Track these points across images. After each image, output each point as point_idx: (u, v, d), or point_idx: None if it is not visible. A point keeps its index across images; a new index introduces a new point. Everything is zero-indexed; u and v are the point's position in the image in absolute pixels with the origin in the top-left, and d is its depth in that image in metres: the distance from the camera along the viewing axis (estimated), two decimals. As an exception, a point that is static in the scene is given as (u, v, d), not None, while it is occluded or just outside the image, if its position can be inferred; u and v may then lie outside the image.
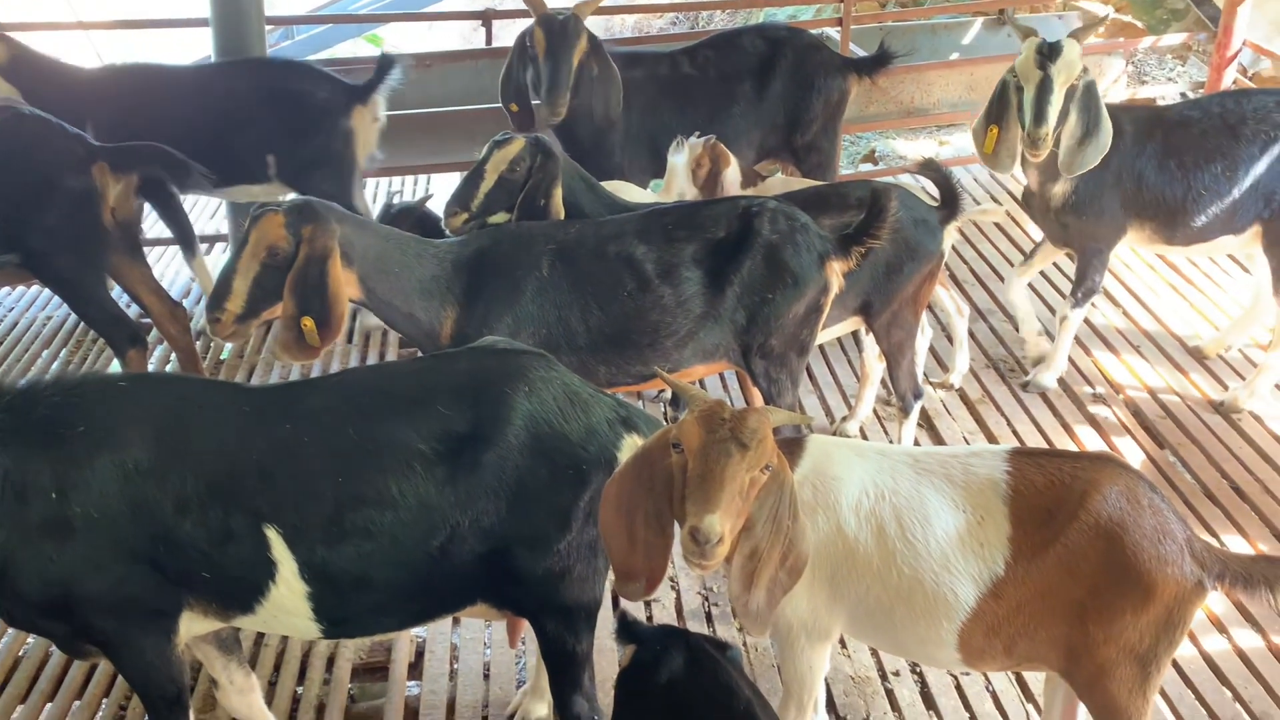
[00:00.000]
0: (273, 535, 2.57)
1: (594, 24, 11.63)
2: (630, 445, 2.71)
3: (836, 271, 3.69)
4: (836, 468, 2.71)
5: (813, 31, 6.05)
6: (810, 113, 5.59)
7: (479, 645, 3.76)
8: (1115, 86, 7.28)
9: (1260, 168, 4.47)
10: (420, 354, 3.71)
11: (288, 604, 2.66)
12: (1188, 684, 3.57)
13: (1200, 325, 5.46)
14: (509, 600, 2.80)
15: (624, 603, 3.37)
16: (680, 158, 4.58)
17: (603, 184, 4.20)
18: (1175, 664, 3.58)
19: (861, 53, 6.09)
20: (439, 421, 2.61)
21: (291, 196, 4.19)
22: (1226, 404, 4.83)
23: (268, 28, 5.84)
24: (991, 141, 4.45)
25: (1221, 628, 3.77)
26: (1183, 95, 7.84)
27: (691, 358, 3.72)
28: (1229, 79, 6.62)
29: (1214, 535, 4.14)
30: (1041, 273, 5.55)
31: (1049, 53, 4.17)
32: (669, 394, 4.88)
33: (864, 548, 2.67)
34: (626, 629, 2.45)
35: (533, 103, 5.03)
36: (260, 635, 3.68)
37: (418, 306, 3.47)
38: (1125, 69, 7.45)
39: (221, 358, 5.45)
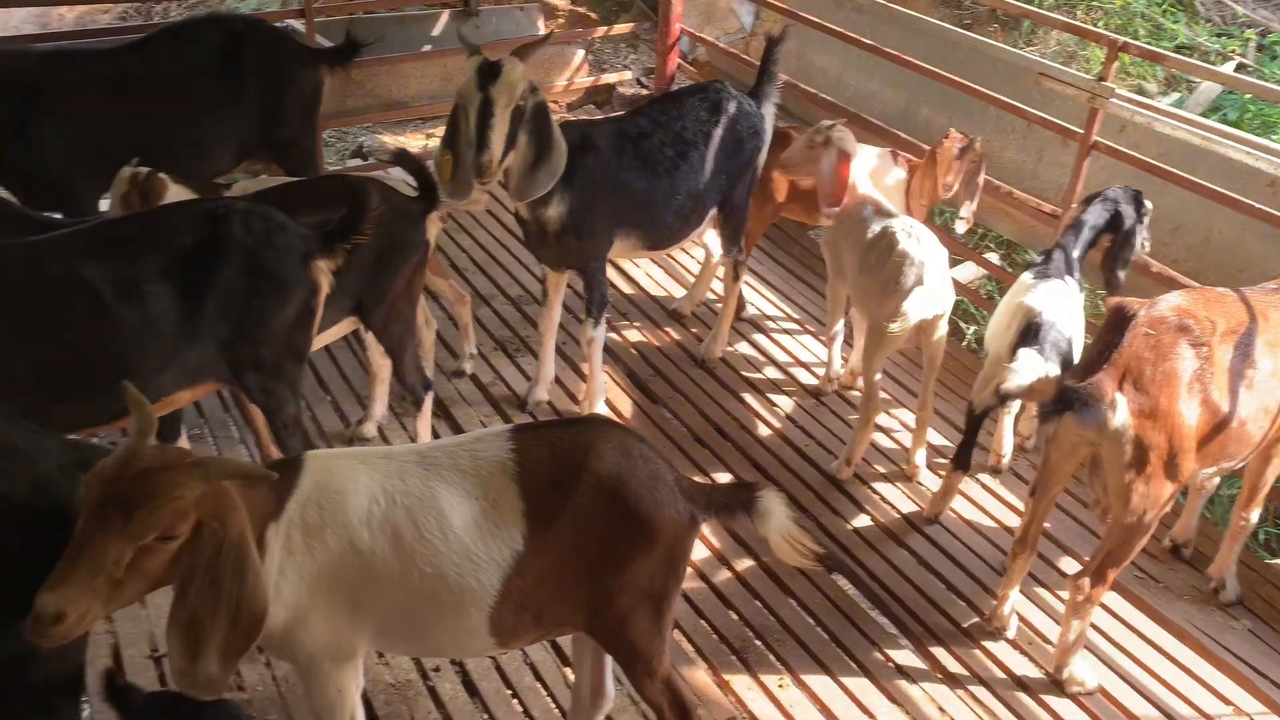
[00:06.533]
0: None
1: (27, 16, 10.25)
2: (95, 490, 2.36)
3: (324, 270, 3.51)
4: (339, 481, 2.58)
5: (276, 23, 5.76)
6: (284, 107, 5.31)
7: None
8: (579, 75, 7.77)
9: (710, 161, 4.75)
10: None
11: None
12: (700, 615, 3.91)
13: (674, 288, 6.01)
14: None
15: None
16: None
17: None
18: (687, 598, 3.92)
19: (329, 45, 5.90)
20: None
21: None
22: (703, 356, 5.36)
23: None
24: (448, 169, 4.11)
25: (722, 558, 4.18)
26: (638, 80, 8.56)
27: (173, 384, 3.37)
28: (673, 65, 7.34)
29: (706, 474, 4.58)
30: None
31: (489, 73, 3.88)
32: None
33: (382, 558, 2.57)
34: (116, 695, 2.15)
35: None
36: None
37: None
38: (586, 58, 7.96)
39: None
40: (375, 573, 2.58)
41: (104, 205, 4.61)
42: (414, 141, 8.11)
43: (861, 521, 4.41)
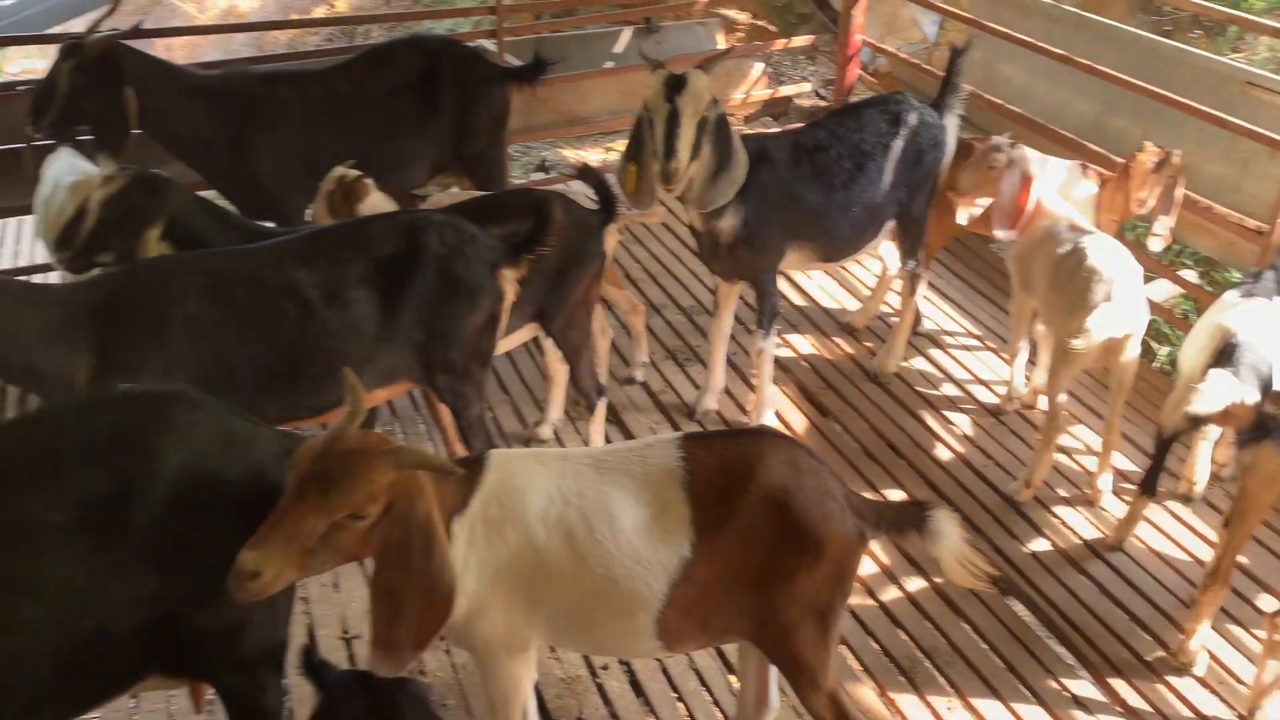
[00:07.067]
0: None
1: (246, 40, 11.07)
2: (303, 480, 2.56)
3: (509, 279, 3.69)
4: (519, 479, 2.71)
5: (469, 44, 6.03)
6: (476, 124, 5.54)
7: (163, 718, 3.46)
8: (757, 87, 7.80)
9: (888, 173, 4.71)
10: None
11: None
12: (868, 632, 3.88)
13: (847, 300, 5.96)
14: (184, 666, 2.58)
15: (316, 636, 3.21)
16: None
17: None
18: (855, 615, 3.90)
19: (518, 63, 6.14)
20: (75, 487, 2.33)
21: None
22: (876, 370, 5.30)
23: None
24: (632, 180, 4.25)
25: (892, 576, 4.13)
26: (816, 93, 8.53)
27: (370, 382, 3.59)
28: (853, 76, 7.28)
29: (877, 491, 4.53)
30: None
31: (675, 85, 3.98)
32: None
33: (556, 556, 2.68)
34: (313, 671, 2.32)
35: None
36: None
37: (38, 358, 3.12)
38: (765, 70, 7.99)
39: None
40: (549, 570, 2.69)
41: (308, 215, 4.96)
42: (593, 155, 8.33)
43: (1040, 546, 4.27)
